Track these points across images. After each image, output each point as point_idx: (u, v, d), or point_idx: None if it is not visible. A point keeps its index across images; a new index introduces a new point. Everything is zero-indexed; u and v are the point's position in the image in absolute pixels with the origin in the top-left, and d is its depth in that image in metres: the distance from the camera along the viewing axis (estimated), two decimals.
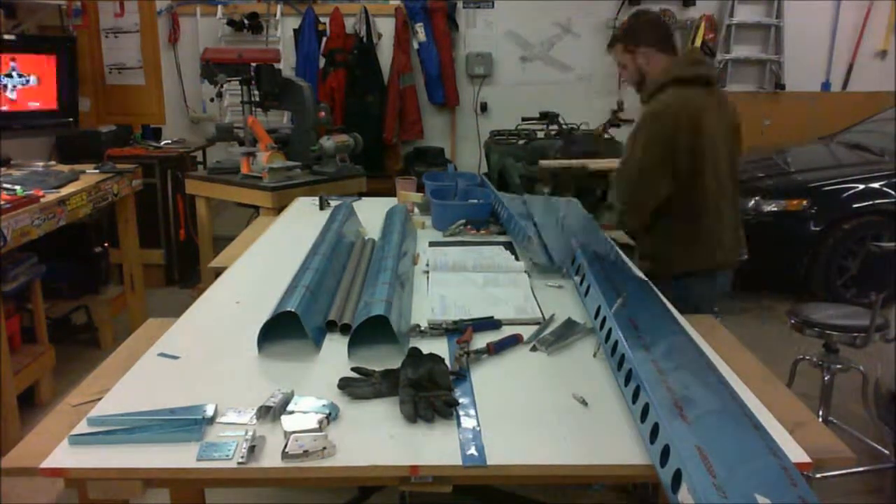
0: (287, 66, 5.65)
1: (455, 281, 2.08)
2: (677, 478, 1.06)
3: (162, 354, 1.61)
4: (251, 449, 1.21)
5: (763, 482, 1.02)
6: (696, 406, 1.21)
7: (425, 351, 1.53)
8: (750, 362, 1.66)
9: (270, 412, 1.32)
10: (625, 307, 1.61)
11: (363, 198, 3.29)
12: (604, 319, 1.64)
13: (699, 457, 1.05)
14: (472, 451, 1.23)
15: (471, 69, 6.01)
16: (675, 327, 1.65)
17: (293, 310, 1.61)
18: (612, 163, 4.55)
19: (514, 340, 1.66)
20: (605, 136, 5.00)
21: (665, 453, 1.12)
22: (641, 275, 2.07)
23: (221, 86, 3.81)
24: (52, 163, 3.80)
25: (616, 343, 1.51)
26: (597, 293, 1.77)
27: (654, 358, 1.39)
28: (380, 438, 1.27)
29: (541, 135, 5.20)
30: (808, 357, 2.69)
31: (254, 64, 3.88)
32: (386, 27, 5.87)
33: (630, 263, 2.22)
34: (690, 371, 1.37)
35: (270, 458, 1.21)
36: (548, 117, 5.14)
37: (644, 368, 1.34)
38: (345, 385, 1.42)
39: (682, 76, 2.32)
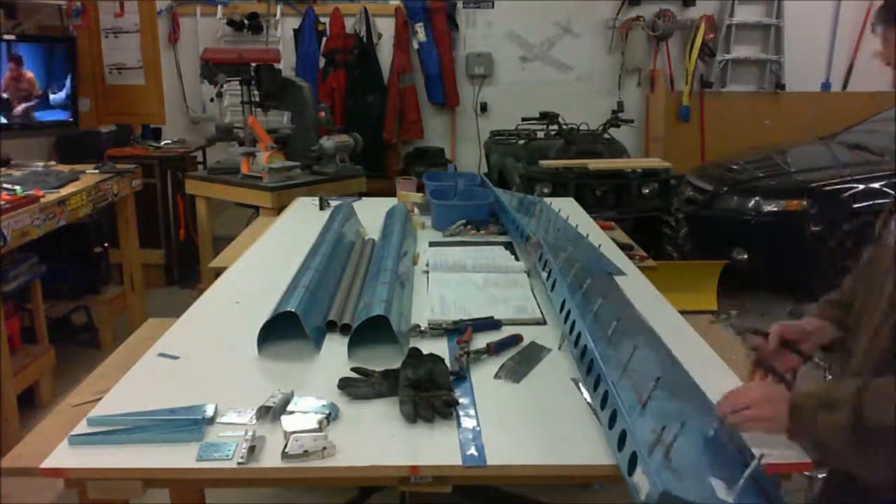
0: (287, 66, 5.66)
1: (455, 281, 2.08)
2: (633, 461, 1.07)
3: (162, 354, 1.61)
4: (251, 449, 1.21)
5: (718, 463, 1.05)
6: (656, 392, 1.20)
7: (425, 351, 1.53)
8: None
9: (270, 412, 1.32)
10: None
11: (363, 198, 3.29)
12: (568, 312, 1.65)
13: (656, 441, 1.06)
14: (472, 451, 1.23)
15: (471, 69, 6.01)
16: (639, 324, 1.65)
17: (293, 310, 1.61)
18: (612, 163, 4.56)
19: (514, 340, 1.66)
20: (605, 136, 5.00)
21: (622, 438, 1.14)
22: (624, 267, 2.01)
23: (221, 86, 3.81)
24: (52, 163, 3.79)
25: (579, 335, 1.52)
26: (562, 287, 1.77)
27: (614, 347, 1.41)
28: (380, 438, 1.27)
29: (541, 135, 5.20)
30: None
31: (254, 64, 3.88)
32: (386, 27, 5.87)
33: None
34: (651, 362, 1.37)
35: (270, 458, 1.21)
36: (548, 117, 5.14)
37: (604, 356, 1.36)
38: (345, 385, 1.42)
39: None
